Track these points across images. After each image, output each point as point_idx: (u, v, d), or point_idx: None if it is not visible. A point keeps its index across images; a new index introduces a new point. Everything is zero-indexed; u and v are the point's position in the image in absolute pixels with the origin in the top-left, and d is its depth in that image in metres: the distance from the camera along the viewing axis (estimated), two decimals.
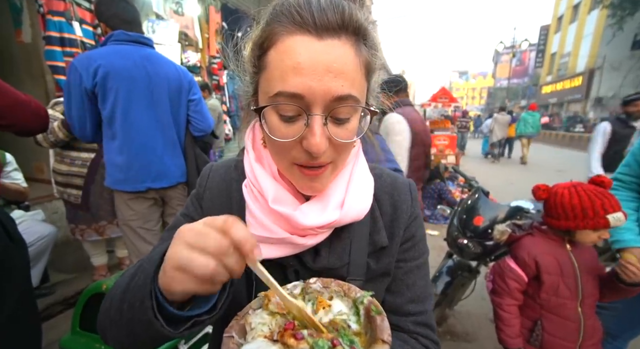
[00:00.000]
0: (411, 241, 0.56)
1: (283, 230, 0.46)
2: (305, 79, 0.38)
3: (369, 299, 0.35)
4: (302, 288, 0.41)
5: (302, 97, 0.39)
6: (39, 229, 1.99)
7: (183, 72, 1.62)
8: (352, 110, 0.42)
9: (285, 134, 0.41)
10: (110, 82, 1.39)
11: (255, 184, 0.49)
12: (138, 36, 1.48)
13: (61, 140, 1.91)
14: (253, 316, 0.36)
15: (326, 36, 0.39)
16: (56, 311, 2.13)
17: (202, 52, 4.08)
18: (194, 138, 1.71)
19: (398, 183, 0.58)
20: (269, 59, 0.41)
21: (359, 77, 0.42)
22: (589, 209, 1.08)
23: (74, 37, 2.56)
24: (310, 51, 0.38)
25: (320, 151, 0.40)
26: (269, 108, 0.41)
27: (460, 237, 1.88)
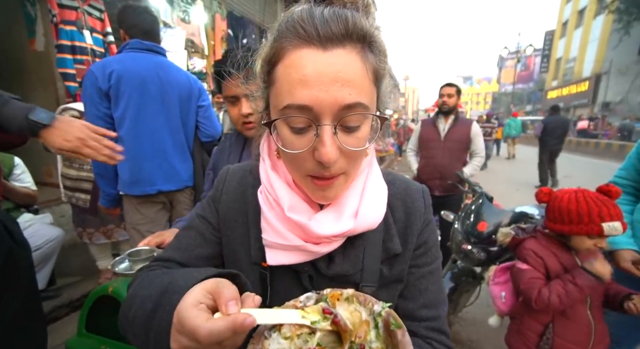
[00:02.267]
0: (424, 247, 0.56)
1: (298, 238, 0.47)
2: (312, 91, 0.39)
3: (387, 311, 0.34)
4: (316, 298, 0.41)
5: (310, 109, 0.39)
6: (47, 232, 2.02)
7: (193, 79, 1.67)
8: (361, 118, 0.42)
9: (297, 145, 0.42)
10: (124, 86, 1.44)
11: (271, 192, 0.49)
12: (152, 45, 1.55)
13: None
14: (271, 341, 0.35)
15: (331, 47, 0.39)
16: (62, 313, 2.16)
17: (207, 59, 4.15)
18: (202, 143, 1.75)
19: (411, 189, 0.58)
20: (277, 74, 0.42)
21: (366, 84, 0.42)
22: (585, 215, 1.08)
23: (84, 45, 2.63)
24: (316, 63, 0.39)
25: (332, 161, 0.40)
26: (279, 121, 0.42)
27: (464, 243, 1.87)
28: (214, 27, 4.20)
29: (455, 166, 2.53)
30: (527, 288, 1.18)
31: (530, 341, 1.23)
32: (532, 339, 1.23)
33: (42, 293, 2.09)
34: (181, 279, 0.40)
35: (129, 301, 0.45)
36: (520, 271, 1.24)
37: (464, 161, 2.64)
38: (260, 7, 5.14)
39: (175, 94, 1.57)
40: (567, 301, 1.09)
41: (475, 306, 2.08)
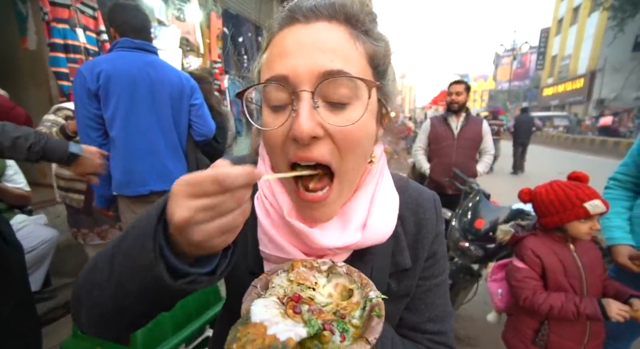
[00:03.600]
0: (433, 259, 0.52)
1: (297, 249, 0.43)
2: (290, 59, 0.36)
3: (378, 300, 0.36)
4: (329, 266, 0.41)
5: (286, 78, 0.36)
6: (42, 233, 2.00)
7: (185, 78, 1.65)
8: (350, 93, 0.37)
9: (273, 122, 0.38)
10: (113, 86, 1.42)
11: (268, 195, 0.45)
12: (143, 43, 1.52)
13: None
14: (277, 277, 0.39)
15: (314, 20, 0.37)
16: (58, 315, 2.14)
17: (203, 57, 4.12)
18: (196, 143, 1.73)
19: (423, 198, 0.53)
20: (262, 60, 0.42)
21: (356, 57, 0.38)
22: (566, 201, 1.13)
23: (77, 43, 2.59)
24: (297, 35, 0.37)
25: (304, 133, 0.35)
26: (263, 103, 0.41)
27: (461, 241, 1.88)
28: (210, 25, 4.16)
29: (469, 164, 2.53)
30: (518, 286, 1.20)
31: (526, 337, 1.24)
32: (527, 336, 1.23)
33: (37, 295, 2.07)
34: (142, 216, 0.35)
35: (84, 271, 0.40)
36: (515, 268, 1.25)
37: (476, 160, 2.64)
38: (256, 5, 5.10)
39: (167, 93, 1.55)
40: (556, 315, 1.11)
41: (473, 303, 2.09)
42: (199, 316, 1.44)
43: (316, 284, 0.39)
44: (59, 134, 1.89)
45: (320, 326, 0.32)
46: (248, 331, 0.29)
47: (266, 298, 0.35)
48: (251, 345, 0.27)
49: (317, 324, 0.32)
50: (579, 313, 1.08)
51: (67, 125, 1.90)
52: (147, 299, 0.33)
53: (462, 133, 2.56)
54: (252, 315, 0.31)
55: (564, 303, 1.10)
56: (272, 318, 0.31)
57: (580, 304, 1.09)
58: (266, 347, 0.27)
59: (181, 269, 0.31)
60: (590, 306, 1.08)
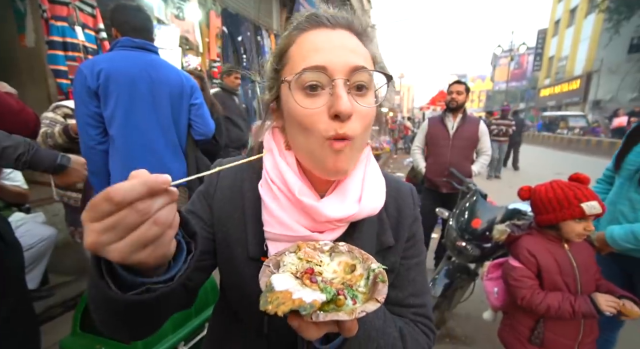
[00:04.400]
0: (412, 240, 0.60)
1: (303, 227, 0.49)
2: (325, 54, 0.44)
3: (380, 270, 0.41)
4: (331, 246, 0.47)
5: (324, 68, 0.44)
6: (40, 231, 2.00)
7: (185, 77, 1.65)
8: (368, 80, 0.47)
9: (313, 105, 0.45)
10: (112, 85, 1.42)
11: (277, 181, 0.50)
12: (143, 43, 1.52)
13: (60, 145, 1.92)
14: (287, 257, 0.44)
15: (338, 28, 0.48)
16: (56, 313, 2.13)
17: (202, 56, 4.11)
18: (196, 142, 1.74)
19: (401, 188, 0.62)
20: (290, 54, 0.48)
21: (369, 59, 0.49)
22: (564, 200, 1.16)
23: (76, 41, 2.58)
24: (327, 37, 0.46)
25: (348, 111, 0.43)
26: (294, 88, 0.46)
27: (458, 240, 1.90)
28: (209, 24, 4.15)
29: (463, 164, 2.54)
30: (516, 286, 1.22)
31: (522, 335, 1.26)
32: (523, 334, 1.25)
33: (35, 293, 2.06)
34: None
35: None
36: (511, 267, 1.26)
37: (472, 160, 2.65)
38: (256, 4, 5.09)
39: (166, 93, 1.56)
40: (553, 315, 1.14)
41: (470, 302, 2.12)
42: (198, 314, 1.45)
43: (321, 262, 0.44)
44: (62, 134, 1.88)
45: (335, 292, 0.37)
46: (277, 296, 0.33)
47: (280, 274, 0.39)
48: (284, 306, 0.32)
49: (332, 291, 0.37)
50: (575, 312, 1.10)
51: (71, 126, 1.88)
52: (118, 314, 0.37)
53: (458, 133, 2.57)
54: (274, 285, 0.35)
55: (561, 303, 1.12)
56: (294, 286, 0.36)
57: (575, 303, 1.11)
58: (296, 307, 0.32)
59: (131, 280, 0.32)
60: (584, 304, 1.10)
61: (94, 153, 1.49)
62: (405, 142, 12.39)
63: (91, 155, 1.49)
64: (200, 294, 1.61)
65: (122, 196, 0.28)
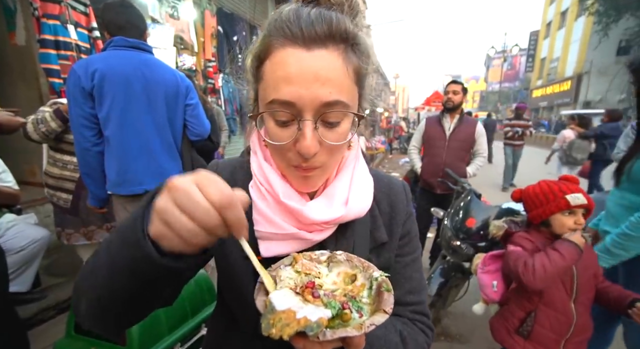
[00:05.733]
0: (407, 237, 0.60)
1: (291, 225, 0.49)
2: (295, 88, 0.42)
3: (383, 278, 0.40)
4: (328, 256, 0.45)
5: (293, 105, 0.42)
6: (31, 232, 1.96)
7: (181, 77, 1.64)
8: (341, 115, 0.45)
9: (281, 137, 0.45)
10: (108, 85, 1.41)
11: (264, 183, 0.51)
12: (137, 42, 1.51)
13: (53, 130, 1.84)
14: (283, 271, 0.42)
15: (314, 47, 0.42)
16: (48, 316, 2.10)
17: (197, 56, 4.08)
18: (191, 142, 1.73)
19: (393, 184, 0.62)
20: (265, 70, 0.45)
21: (347, 83, 0.44)
22: (549, 193, 1.19)
23: (68, 40, 2.54)
24: (299, 62, 0.42)
25: (311, 153, 0.43)
26: (266, 114, 0.46)
27: (453, 239, 1.92)
28: (204, 24, 4.13)
29: (458, 165, 2.54)
30: (515, 265, 1.19)
31: (510, 325, 1.26)
32: (512, 324, 1.26)
33: (27, 295, 2.03)
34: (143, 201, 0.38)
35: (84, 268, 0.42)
36: (510, 252, 1.26)
37: (467, 161, 2.66)
38: (251, 4, 5.08)
39: (161, 93, 1.55)
40: (552, 271, 1.10)
41: (464, 301, 2.14)
42: (194, 315, 1.44)
43: (320, 273, 0.43)
44: (54, 118, 1.82)
45: (340, 306, 0.35)
46: (280, 317, 0.31)
47: (279, 290, 0.37)
48: (289, 328, 0.30)
49: (337, 305, 0.35)
50: (563, 255, 1.10)
51: (62, 106, 1.83)
52: (138, 278, 0.35)
53: (454, 134, 2.58)
54: (275, 305, 0.33)
55: (548, 255, 1.12)
56: (296, 304, 0.34)
57: (557, 247, 1.12)
58: (302, 328, 0.30)
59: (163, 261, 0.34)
60: (565, 243, 1.12)
61: (89, 155, 1.47)
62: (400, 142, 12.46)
63: (86, 157, 1.48)
64: (196, 295, 1.60)
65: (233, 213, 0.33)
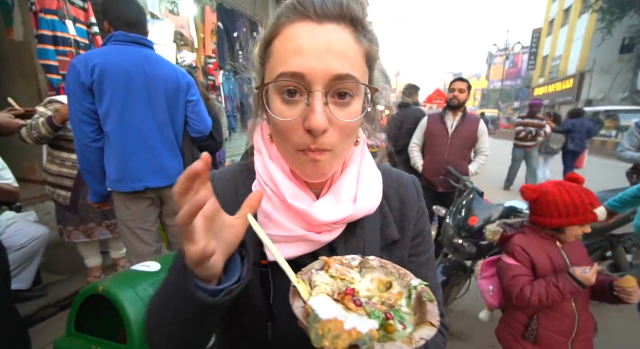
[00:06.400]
0: (421, 236, 0.58)
1: (298, 227, 0.47)
2: (305, 59, 0.39)
3: (423, 287, 0.37)
4: (360, 261, 0.43)
5: (302, 76, 0.40)
6: (31, 230, 1.96)
7: (182, 73, 1.62)
8: (353, 89, 0.42)
9: (287, 114, 0.42)
10: (107, 80, 1.39)
11: (268, 183, 0.49)
12: (138, 37, 1.49)
13: (44, 136, 1.88)
14: (316, 275, 0.39)
15: (326, 21, 0.41)
16: (49, 313, 2.10)
17: (197, 52, 4.05)
18: (193, 139, 1.71)
19: (403, 179, 0.60)
20: (273, 48, 0.43)
21: (359, 61, 0.43)
22: (580, 205, 1.15)
23: (67, 35, 2.51)
24: (311, 34, 0.40)
25: (320, 128, 0.40)
26: (272, 91, 0.43)
27: (455, 237, 1.91)
28: (204, 20, 4.09)
29: (460, 163, 2.52)
30: (510, 285, 1.21)
31: (516, 331, 1.27)
32: (518, 330, 1.26)
33: (28, 293, 2.03)
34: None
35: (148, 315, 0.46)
36: (506, 266, 1.26)
37: (469, 159, 2.64)
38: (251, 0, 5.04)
39: (162, 89, 1.53)
40: (546, 302, 1.14)
41: (465, 299, 2.14)
42: None
43: (353, 279, 0.40)
44: (45, 124, 1.84)
45: (383, 315, 0.33)
46: (328, 327, 0.29)
47: (317, 296, 0.35)
48: (341, 341, 0.28)
49: (380, 315, 0.33)
50: (562, 292, 1.11)
51: (53, 116, 1.85)
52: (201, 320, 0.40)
53: (457, 132, 2.56)
54: (318, 312, 0.31)
55: (547, 288, 1.13)
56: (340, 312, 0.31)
57: (559, 283, 1.12)
58: (355, 341, 0.28)
59: (213, 289, 0.38)
60: (567, 281, 1.11)
61: (88, 151, 1.46)
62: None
63: (86, 153, 1.46)
64: None
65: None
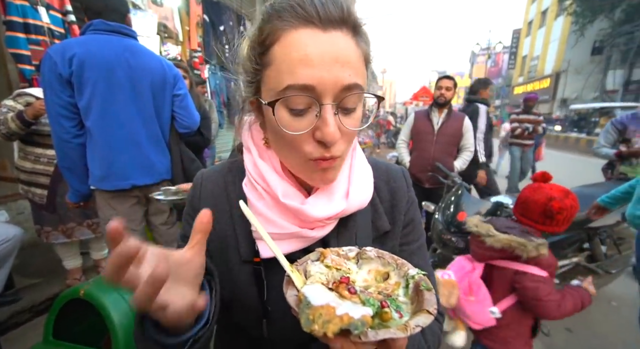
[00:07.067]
0: (411, 225, 0.59)
1: (291, 224, 0.47)
2: (315, 70, 0.38)
3: (421, 276, 0.37)
4: (357, 252, 0.43)
5: (313, 89, 0.39)
6: (3, 231, 1.83)
7: (168, 66, 1.54)
8: (358, 99, 0.43)
9: (297, 127, 0.41)
10: (88, 72, 1.30)
11: (259, 181, 0.48)
12: (120, 26, 1.39)
13: (14, 132, 1.76)
14: (312, 266, 0.39)
15: (330, 28, 0.39)
16: (23, 319, 1.98)
17: (182, 46, 3.91)
18: (180, 135, 1.64)
19: (392, 171, 0.60)
20: (274, 55, 0.41)
21: (361, 67, 0.43)
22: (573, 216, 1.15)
23: (39, 23, 2.35)
24: (317, 43, 0.39)
25: (335, 140, 0.41)
26: (278, 104, 0.41)
27: (444, 233, 1.95)
28: (189, 12, 3.94)
29: (446, 160, 2.56)
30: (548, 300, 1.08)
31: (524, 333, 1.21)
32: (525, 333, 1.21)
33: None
34: None
35: None
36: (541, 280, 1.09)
37: (455, 156, 2.68)
38: None
39: (147, 81, 1.44)
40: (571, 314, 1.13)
41: None
42: None
43: (349, 270, 0.40)
44: (15, 120, 1.73)
45: (379, 303, 0.32)
46: (319, 312, 0.29)
47: (311, 285, 0.34)
48: (332, 325, 0.27)
49: (376, 303, 0.32)
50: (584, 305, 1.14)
51: (25, 110, 1.74)
52: None
53: (442, 129, 2.60)
54: (310, 299, 0.30)
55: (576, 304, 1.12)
56: (333, 299, 0.31)
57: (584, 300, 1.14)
58: (346, 325, 0.27)
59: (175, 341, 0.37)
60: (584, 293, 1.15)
61: (69, 147, 1.37)
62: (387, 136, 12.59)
63: (66, 149, 1.37)
64: None
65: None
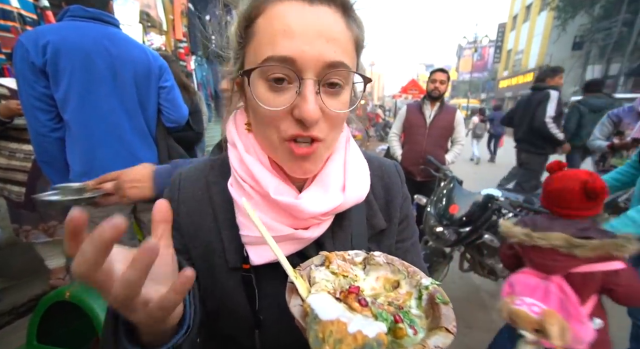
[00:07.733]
0: (406, 221, 0.57)
1: (285, 226, 0.43)
2: (296, 42, 0.36)
3: (436, 287, 0.35)
4: (364, 257, 0.40)
5: (293, 61, 0.37)
6: None
7: (153, 56, 1.45)
8: (344, 78, 0.40)
9: (275, 103, 0.38)
10: (64, 61, 1.21)
11: (247, 179, 0.45)
12: (99, 13, 1.30)
13: None
14: (316, 271, 0.36)
15: (317, 2, 0.38)
16: (3, 322, 1.90)
17: (167, 35, 3.74)
18: (168, 129, 1.57)
19: (385, 166, 0.58)
20: (257, 27, 0.39)
21: (350, 48, 0.40)
22: None
23: (8, 8, 2.18)
24: (301, 15, 0.37)
25: (314, 118, 0.37)
26: (256, 78, 0.39)
27: (436, 226, 1.97)
28: (172, 0, 3.77)
29: (438, 153, 2.58)
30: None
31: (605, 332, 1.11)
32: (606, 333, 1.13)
33: None
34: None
35: None
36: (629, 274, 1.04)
37: (446, 149, 2.70)
38: None
39: (130, 72, 1.36)
40: None
41: (443, 285, 2.22)
42: None
43: (356, 276, 0.37)
44: None
45: (392, 318, 0.30)
46: (330, 329, 0.26)
47: (316, 293, 0.31)
48: (344, 345, 0.24)
49: (389, 317, 0.30)
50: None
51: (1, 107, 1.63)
52: None
53: (435, 122, 2.61)
54: (318, 312, 0.27)
55: None
56: (343, 312, 0.28)
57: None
58: (360, 346, 0.24)
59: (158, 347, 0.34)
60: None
61: (47, 142, 1.28)
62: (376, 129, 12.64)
63: (44, 143, 1.29)
64: None
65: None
